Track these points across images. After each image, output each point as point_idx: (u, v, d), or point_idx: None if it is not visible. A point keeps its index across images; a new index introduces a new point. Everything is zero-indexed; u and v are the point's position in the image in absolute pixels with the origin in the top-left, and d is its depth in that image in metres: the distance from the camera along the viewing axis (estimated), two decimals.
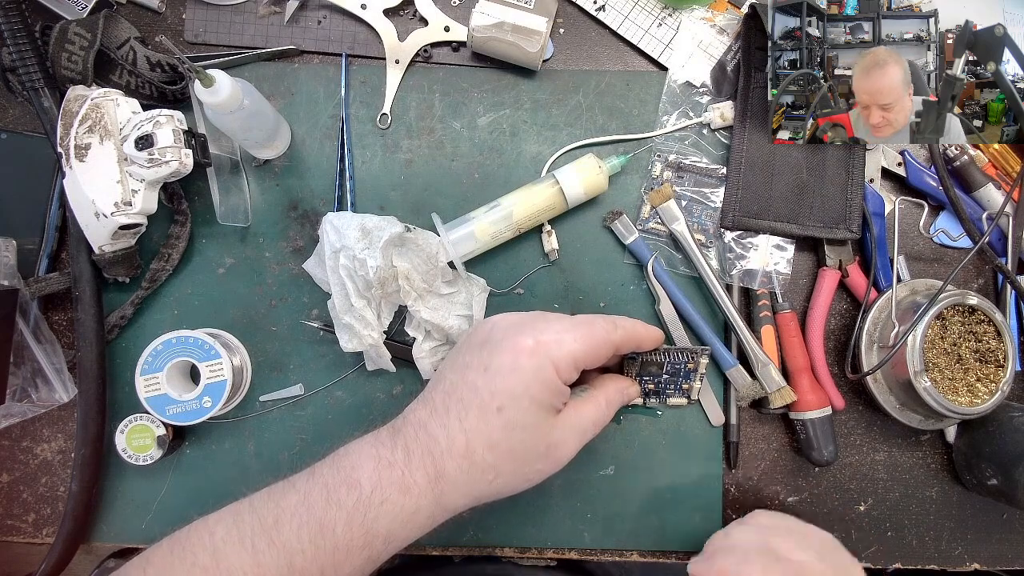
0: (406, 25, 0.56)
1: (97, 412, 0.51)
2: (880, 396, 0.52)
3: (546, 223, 0.54)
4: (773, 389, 0.52)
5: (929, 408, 0.49)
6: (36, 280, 0.52)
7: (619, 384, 0.48)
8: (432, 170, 0.56)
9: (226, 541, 0.37)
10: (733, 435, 0.54)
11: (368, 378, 0.55)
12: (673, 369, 0.52)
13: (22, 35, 0.47)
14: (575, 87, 0.56)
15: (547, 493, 0.54)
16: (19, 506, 0.54)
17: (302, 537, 0.37)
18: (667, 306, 0.54)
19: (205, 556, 0.37)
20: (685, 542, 0.54)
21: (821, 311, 0.54)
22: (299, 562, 0.37)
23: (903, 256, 0.55)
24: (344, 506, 0.38)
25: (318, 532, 0.37)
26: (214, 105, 0.45)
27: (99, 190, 0.47)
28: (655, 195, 0.54)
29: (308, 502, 0.38)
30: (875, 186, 0.55)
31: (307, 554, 0.37)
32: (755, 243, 0.54)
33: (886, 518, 0.55)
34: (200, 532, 0.39)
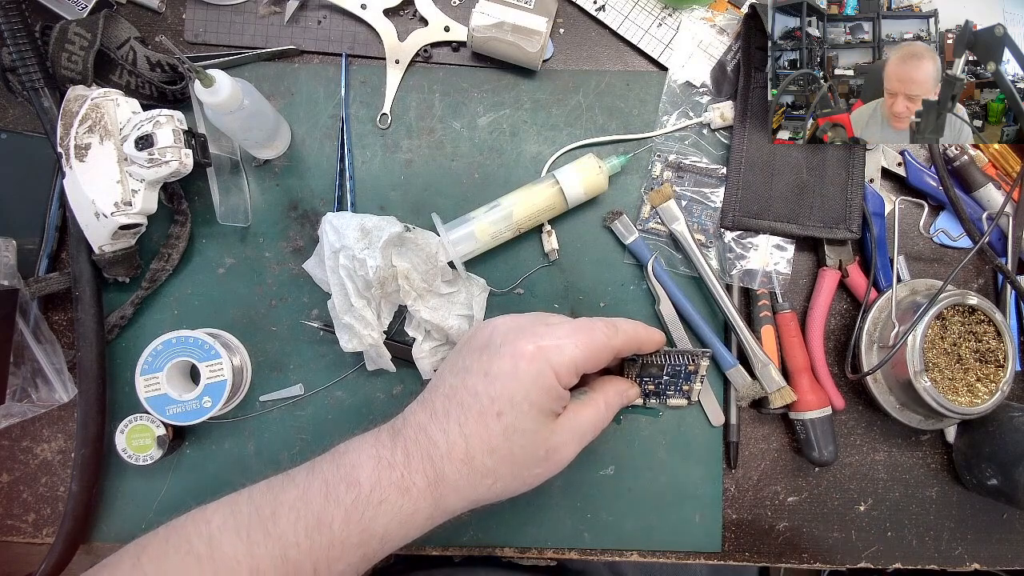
0: (406, 25, 0.56)
1: (97, 412, 0.51)
2: (880, 396, 0.52)
3: (546, 223, 0.54)
4: (773, 389, 0.52)
5: (929, 408, 0.49)
6: (36, 280, 0.52)
7: (619, 386, 0.48)
8: (432, 170, 0.56)
9: (222, 530, 0.38)
10: (733, 435, 0.54)
11: (368, 378, 0.55)
12: (674, 371, 0.52)
13: (22, 35, 0.47)
14: (575, 87, 0.56)
15: (547, 493, 0.54)
16: (19, 506, 0.54)
17: (298, 531, 0.37)
18: (667, 306, 0.54)
19: (200, 544, 0.37)
20: (685, 542, 0.54)
21: (821, 311, 0.54)
22: (293, 555, 0.37)
23: (903, 256, 0.55)
24: (342, 503, 0.38)
25: (315, 527, 0.37)
26: (214, 105, 0.45)
27: (99, 190, 0.47)
28: (655, 195, 0.54)
29: (306, 497, 0.38)
30: (875, 186, 0.55)
31: (302, 547, 0.37)
32: (755, 243, 0.54)
33: (886, 518, 0.55)
34: (196, 521, 0.39)
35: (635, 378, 0.51)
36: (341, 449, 0.41)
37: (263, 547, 0.37)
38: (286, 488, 0.39)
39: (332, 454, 0.41)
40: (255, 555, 0.37)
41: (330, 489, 0.38)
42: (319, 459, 0.41)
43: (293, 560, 0.37)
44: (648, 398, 0.54)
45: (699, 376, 0.52)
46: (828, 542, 0.55)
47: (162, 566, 0.37)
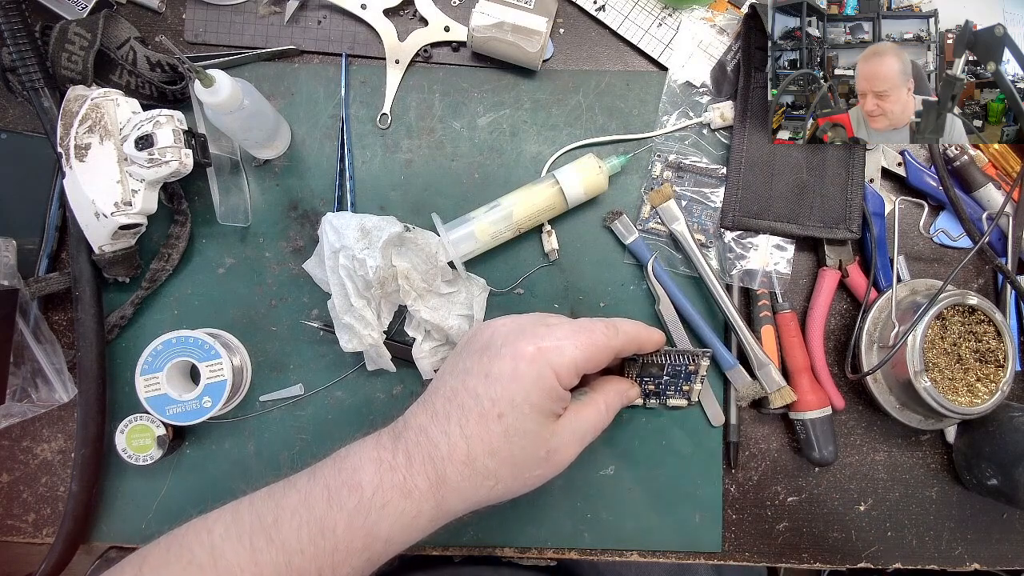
0: (406, 25, 0.56)
1: (97, 412, 0.51)
2: (880, 396, 0.52)
3: (546, 223, 0.54)
4: (773, 389, 0.52)
5: (929, 408, 0.49)
6: (36, 280, 0.52)
7: (619, 387, 0.48)
8: (432, 170, 0.56)
9: (224, 539, 0.37)
10: (733, 435, 0.54)
11: (368, 378, 0.55)
12: (674, 371, 0.52)
13: (22, 35, 0.47)
14: (575, 87, 0.56)
15: (547, 493, 0.54)
16: (19, 506, 0.54)
17: (302, 537, 0.37)
18: (667, 306, 0.54)
19: (203, 554, 0.37)
20: (685, 542, 0.54)
21: (821, 311, 0.54)
22: (297, 561, 0.37)
23: (903, 256, 0.55)
24: (345, 507, 0.38)
25: (318, 532, 0.37)
26: (214, 105, 0.45)
27: (99, 190, 0.47)
28: (655, 195, 0.54)
29: (309, 502, 0.38)
30: (875, 186, 0.55)
31: (306, 554, 0.37)
32: (755, 243, 0.54)
33: (886, 518, 0.55)
34: (198, 530, 0.38)
35: (635, 378, 0.51)
36: (342, 454, 0.41)
37: (266, 554, 0.37)
38: (288, 494, 0.39)
39: (333, 459, 0.41)
40: (258, 562, 0.36)
41: (332, 494, 0.38)
42: (320, 464, 0.41)
43: (297, 566, 0.37)
44: (648, 398, 0.54)
45: (699, 376, 0.52)
46: (828, 542, 0.55)
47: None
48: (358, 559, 0.38)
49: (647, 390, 0.53)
